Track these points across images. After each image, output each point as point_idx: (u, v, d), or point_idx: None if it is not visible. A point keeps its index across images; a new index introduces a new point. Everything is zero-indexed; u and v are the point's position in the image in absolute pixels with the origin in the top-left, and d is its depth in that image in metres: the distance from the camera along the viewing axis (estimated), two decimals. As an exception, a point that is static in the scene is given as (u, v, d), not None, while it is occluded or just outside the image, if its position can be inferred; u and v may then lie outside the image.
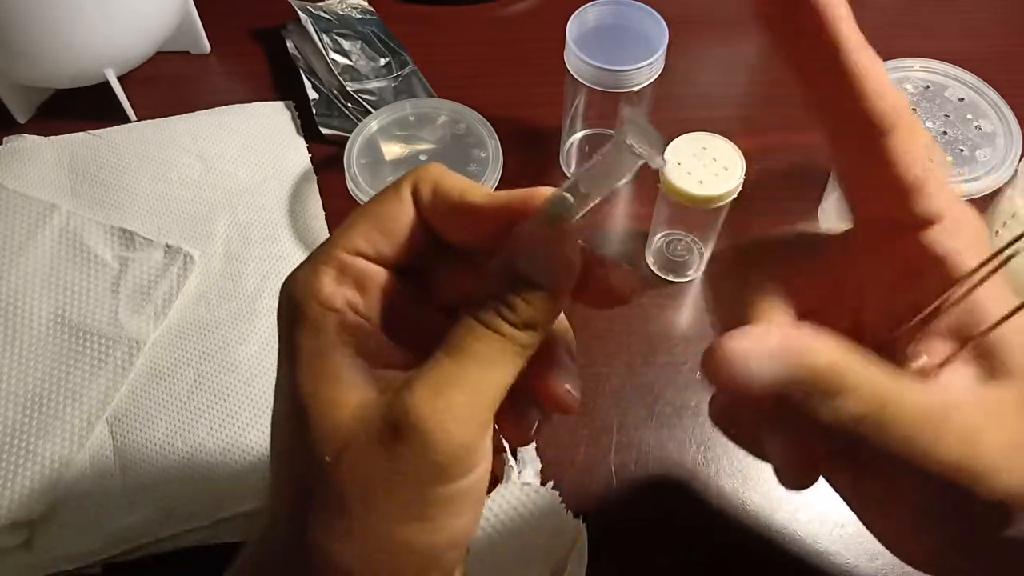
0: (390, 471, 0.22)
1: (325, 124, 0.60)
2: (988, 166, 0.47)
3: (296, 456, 0.24)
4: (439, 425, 0.22)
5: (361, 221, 0.25)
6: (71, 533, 0.43)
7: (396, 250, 0.25)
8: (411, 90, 0.63)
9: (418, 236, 0.26)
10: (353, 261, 0.25)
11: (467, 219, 0.25)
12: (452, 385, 0.22)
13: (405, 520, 0.23)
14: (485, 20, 0.69)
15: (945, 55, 0.51)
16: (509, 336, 0.23)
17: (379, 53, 0.64)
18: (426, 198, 0.25)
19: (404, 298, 0.26)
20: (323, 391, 0.23)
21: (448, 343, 0.23)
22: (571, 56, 0.50)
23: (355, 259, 0.25)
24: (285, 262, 0.53)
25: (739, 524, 0.45)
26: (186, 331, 0.51)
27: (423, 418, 0.22)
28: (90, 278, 0.52)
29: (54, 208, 0.54)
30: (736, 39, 0.68)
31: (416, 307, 0.27)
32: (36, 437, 0.46)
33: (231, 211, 0.56)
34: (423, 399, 0.22)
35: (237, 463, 0.46)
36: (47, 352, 0.49)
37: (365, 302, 0.25)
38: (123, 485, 0.45)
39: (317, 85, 0.62)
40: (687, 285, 0.54)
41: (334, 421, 0.23)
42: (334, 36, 0.64)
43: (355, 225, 0.25)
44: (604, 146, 0.24)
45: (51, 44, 0.54)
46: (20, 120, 0.61)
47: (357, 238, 0.25)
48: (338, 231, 0.25)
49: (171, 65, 0.65)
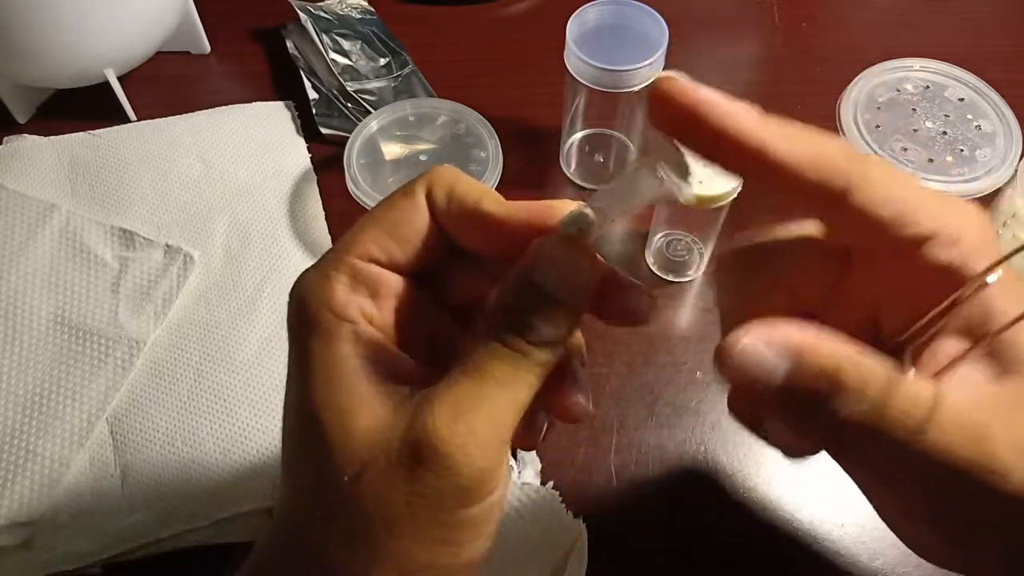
0: (412, 495, 0.22)
1: (325, 124, 0.60)
2: (988, 166, 0.47)
3: (309, 468, 0.24)
4: (461, 449, 0.22)
5: (373, 225, 0.25)
6: (71, 533, 0.43)
7: (410, 256, 0.25)
8: (411, 90, 0.63)
9: (432, 241, 0.25)
10: (366, 268, 0.24)
11: (483, 228, 0.25)
12: (472, 408, 0.22)
13: (428, 543, 0.23)
14: (485, 20, 0.69)
15: (945, 55, 0.51)
16: (528, 355, 0.23)
17: (379, 53, 0.64)
18: (441, 203, 0.25)
19: (417, 304, 0.26)
20: (337, 404, 0.23)
21: (465, 361, 0.23)
22: (571, 56, 0.50)
23: (368, 265, 0.24)
24: (285, 262, 0.53)
25: (739, 524, 0.45)
26: (186, 331, 0.51)
27: (444, 441, 0.22)
28: (90, 278, 0.52)
29: (54, 208, 0.54)
30: (736, 39, 0.68)
31: (429, 313, 0.26)
32: (36, 437, 0.46)
33: (231, 211, 0.56)
34: (443, 422, 0.22)
35: (237, 463, 0.46)
36: (47, 352, 0.49)
37: (379, 310, 0.25)
38: (123, 485, 0.45)
39: (317, 85, 0.62)
40: (687, 285, 0.54)
41: (350, 439, 0.23)
42: (334, 36, 0.64)
43: (368, 229, 0.25)
44: (629, 164, 0.23)
45: (51, 44, 0.54)
46: (20, 120, 0.61)
47: (370, 243, 0.24)
48: (349, 235, 0.25)
49: (171, 65, 0.65)
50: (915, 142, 0.48)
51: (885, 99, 0.50)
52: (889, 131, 0.48)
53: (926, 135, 0.48)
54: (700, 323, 0.52)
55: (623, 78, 0.50)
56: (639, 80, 0.50)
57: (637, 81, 0.50)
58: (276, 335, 0.50)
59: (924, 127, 0.49)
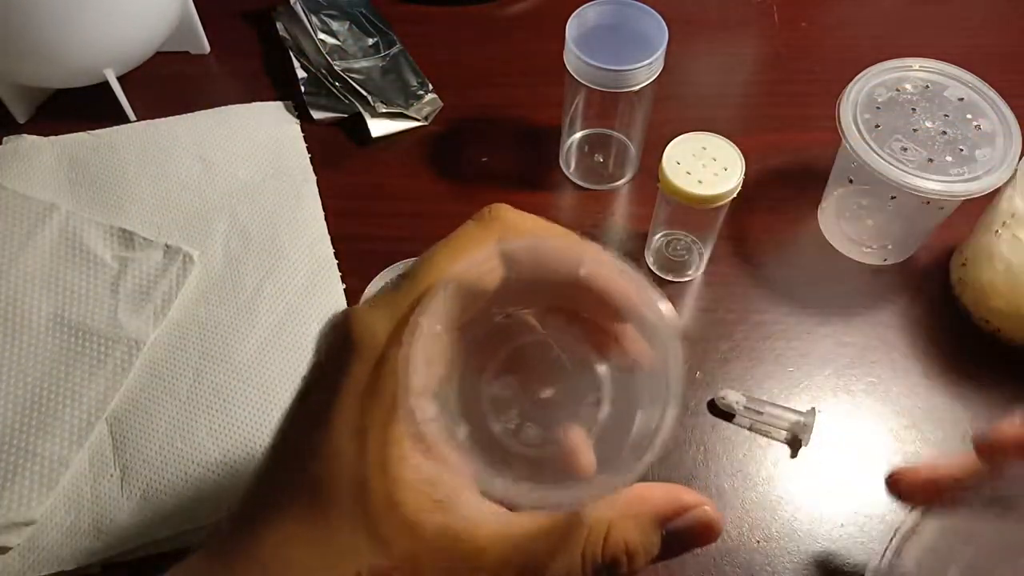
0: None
1: (314, 104, 0.61)
2: (988, 166, 0.47)
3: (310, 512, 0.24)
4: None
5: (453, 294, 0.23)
6: (71, 533, 0.44)
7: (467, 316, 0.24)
8: (399, 70, 0.63)
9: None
10: (440, 336, 0.24)
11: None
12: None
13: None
14: (485, 20, 0.69)
15: (945, 55, 0.51)
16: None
17: (367, 33, 0.65)
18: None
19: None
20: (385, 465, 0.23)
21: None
22: (571, 56, 0.50)
23: (441, 334, 0.24)
24: (285, 262, 0.53)
25: (739, 524, 0.45)
26: (186, 331, 0.51)
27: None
28: (90, 278, 0.52)
29: (54, 208, 0.54)
30: (736, 39, 0.68)
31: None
32: (36, 437, 0.46)
33: (231, 211, 0.56)
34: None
35: (237, 463, 0.46)
36: (47, 352, 0.49)
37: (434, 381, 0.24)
38: (123, 485, 0.45)
39: (306, 65, 0.63)
40: (687, 285, 0.54)
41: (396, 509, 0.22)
42: (323, 17, 0.65)
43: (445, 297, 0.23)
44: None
45: (51, 44, 0.54)
46: (20, 120, 0.61)
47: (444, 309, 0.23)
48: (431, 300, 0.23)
49: (171, 65, 0.65)
50: (915, 142, 0.48)
51: (885, 99, 0.50)
52: (889, 131, 0.48)
53: (926, 135, 0.48)
54: (699, 323, 0.52)
55: (623, 78, 0.50)
56: (639, 80, 0.50)
57: (637, 81, 0.50)
58: (276, 335, 0.50)
59: (924, 127, 0.48)
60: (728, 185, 0.46)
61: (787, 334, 0.52)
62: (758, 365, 0.51)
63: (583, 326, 0.26)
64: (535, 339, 0.27)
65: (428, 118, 0.61)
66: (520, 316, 0.27)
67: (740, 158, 0.47)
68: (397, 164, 0.60)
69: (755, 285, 0.54)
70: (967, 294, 0.52)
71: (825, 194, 0.56)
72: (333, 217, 0.56)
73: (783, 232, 0.57)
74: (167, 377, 0.49)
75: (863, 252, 0.55)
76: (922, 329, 0.52)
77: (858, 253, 0.55)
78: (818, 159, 0.58)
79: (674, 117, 0.58)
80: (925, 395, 0.50)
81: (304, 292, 0.52)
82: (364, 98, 0.60)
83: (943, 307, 0.53)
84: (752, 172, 0.47)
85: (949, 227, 0.53)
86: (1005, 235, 0.48)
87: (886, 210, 0.55)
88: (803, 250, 0.56)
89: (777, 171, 0.59)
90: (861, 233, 0.55)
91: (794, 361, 0.51)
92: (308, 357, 0.25)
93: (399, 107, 0.60)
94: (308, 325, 0.51)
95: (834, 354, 0.51)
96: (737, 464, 0.47)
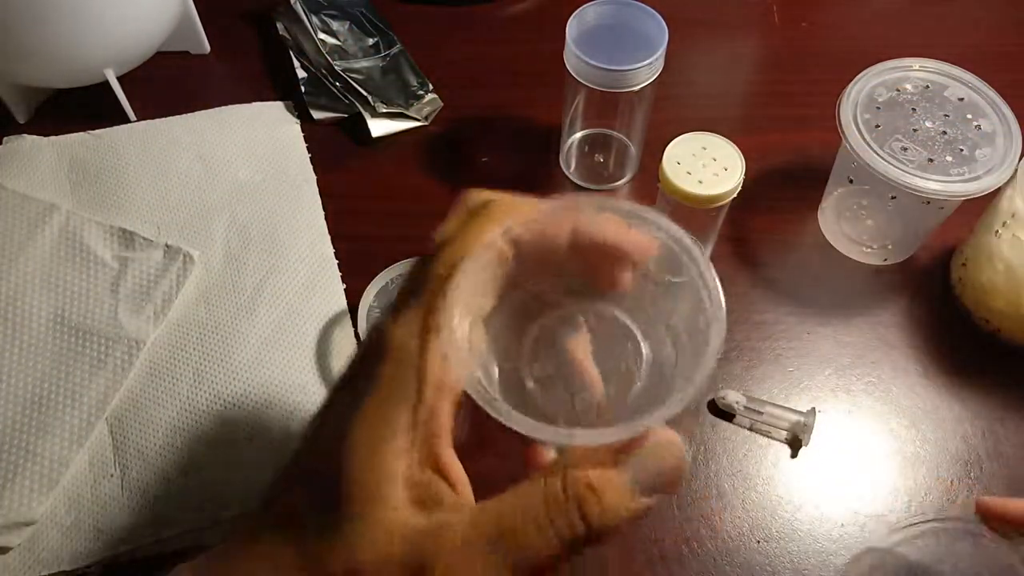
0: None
1: (314, 104, 0.61)
2: (988, 166, 0.47)
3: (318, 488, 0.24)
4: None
5: (474, 276, 0.25)
6: (71, 533, 0.44)
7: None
8: (399, 70, 0.63)
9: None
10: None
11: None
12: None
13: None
14: (485, 20, 0.69)
15: (944, 55, 0.51)
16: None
17: (367, 33, 0.65)
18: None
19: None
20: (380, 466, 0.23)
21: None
22: (571, 56, 0.50)
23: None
24: (285, 262, 0.53)
25: (739, 524, 0.45)
26: (186, 331, 0.51)
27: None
28: (90, 278, 0.52)
29: (54, 208, 0.54)
30: (736, 39, 0.68)
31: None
32: (36, 437, 0.46)
33: (231, 211, 0.56)
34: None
35: (237, 463, 0.46)
36: (47, 352, 0.49)
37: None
38: (123, 485, 0.45)
39: (306, 65, 0.63)
40: (687, 285, 0.54)
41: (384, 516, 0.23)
42: (323, 17, 0.65)
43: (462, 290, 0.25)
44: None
45: (51, 44, 0.54)
46: (20, 120, 0.61)
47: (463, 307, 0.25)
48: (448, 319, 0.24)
49: (171, 65, 0.65)
50: (915, 142, 0.48)
51: (885, 99, 0.50)
52: (889, 131, 0.48)
53: (926, 135, 0.48)
54: (700, 323, 0.52)
55: (623, 78, 0.50)
56: (639, 80, 0.50)
57: (637, 81, 0.50)
58: (276, 335, 0.50)
59: (924, 127, 0.48)
60: (728, 185, 0.46)
61: (787, 334, 0.52)
62: (758, 365, 0.51)
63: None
64: (563, 314, 0.27)
65: (428, 118, 0.61)
66: (544, 295, 0.27)
67: (740, 158, 0.47)
68: (397, 164, 0.60)
69: (755, 285, 0.54)
70: (967, 294, 0.52)
71: (825, 194, 0.56)
72: (333, 217, 0.56)
73: (783, 232, 0.57)
74: (167, 377, 0.49)
75: (863, 252, 0.55)
76: (922, 329, 0.52)
77: (858, 253, 0.55)
78: (818, 159, 0.58)
79: (674, 117, 0.58)
80: (925, 395, 0.50)
81: (304, 292, 0.52)
82: (364, 98, 0.60)
83: (943, 307, 0.53)
84: (752, 172, 0.47)
85: (949, 227, 0.53)
86: (1005, 235, 0.48)
87: (886, 210, 0.55)
88: (803, 250, 0.56)
89: (777, 171, 0.59)
90: (861, 233, 0.55)
91: (794, 361, 0.51)
92: (308, 357, 0.26)
93: (399, 107, 0.60)
94: (308, 325, 0.51)
95: (834, 354, 0.51)
96: (737, 464, 0.47)
